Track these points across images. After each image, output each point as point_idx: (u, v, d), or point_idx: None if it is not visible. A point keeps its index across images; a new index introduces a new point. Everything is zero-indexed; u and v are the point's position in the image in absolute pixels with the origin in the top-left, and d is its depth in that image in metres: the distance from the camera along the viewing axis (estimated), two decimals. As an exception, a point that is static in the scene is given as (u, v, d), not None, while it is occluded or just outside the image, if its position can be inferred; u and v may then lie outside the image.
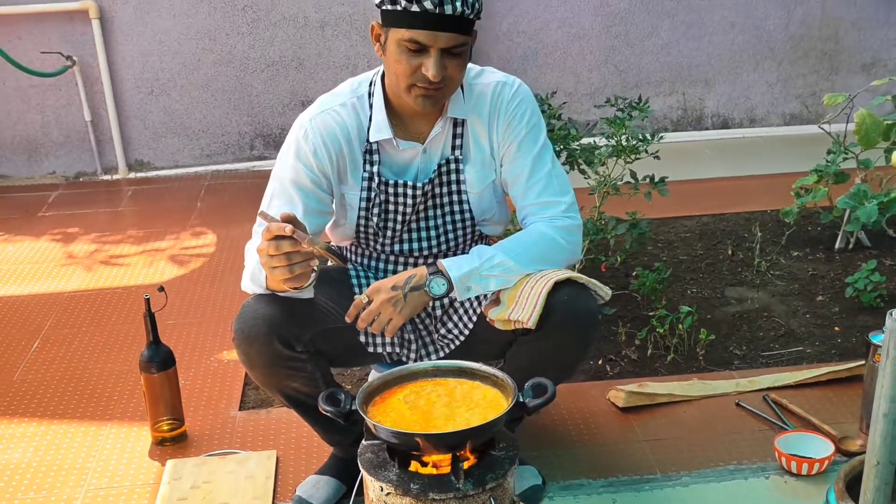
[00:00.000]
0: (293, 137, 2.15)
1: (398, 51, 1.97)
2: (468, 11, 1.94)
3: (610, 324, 3.11)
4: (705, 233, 3.93)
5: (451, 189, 2.20)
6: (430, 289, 2.08)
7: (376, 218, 2.18)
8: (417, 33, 1.93)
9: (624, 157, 3.26)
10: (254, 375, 2.15)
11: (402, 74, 2.00)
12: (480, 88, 2.17)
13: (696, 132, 5.34)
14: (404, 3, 1.92)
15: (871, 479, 1.67)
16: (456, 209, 2.23)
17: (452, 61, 1.99)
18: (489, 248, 2.13)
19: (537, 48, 5.13)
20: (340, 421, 1.85)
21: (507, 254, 2.11)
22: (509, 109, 2.17)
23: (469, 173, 2.19)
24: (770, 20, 5.18)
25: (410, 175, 2.18)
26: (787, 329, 3.11)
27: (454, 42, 1.96)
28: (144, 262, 3.88)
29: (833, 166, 3.51)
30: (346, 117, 2.13)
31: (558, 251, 2.17)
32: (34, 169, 5.06)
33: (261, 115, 5.03)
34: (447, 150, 2.18)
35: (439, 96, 2.05)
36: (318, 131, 2.12)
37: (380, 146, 2.15)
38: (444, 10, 1.91)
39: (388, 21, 1.98)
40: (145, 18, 4.87)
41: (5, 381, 2.97)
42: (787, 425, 2.53)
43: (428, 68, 1.96)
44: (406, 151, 2.16)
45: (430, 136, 2.15)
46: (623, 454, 2.47)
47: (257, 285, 2.06)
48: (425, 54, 1.96)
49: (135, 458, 2.56)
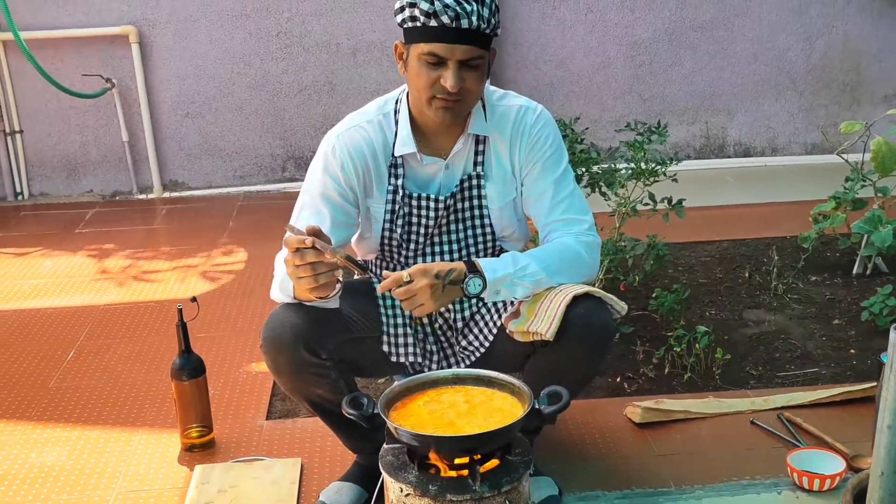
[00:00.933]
0: (322, 152, 2.23)
1: (418, 65, 2.06)
2: (484, 26, 2.03)
3: (628, 342, 3.15)
4: (725, 257, 3.96)
5: (472, 203, 2.26)
6: (466, 286, 2.10)
7: (400, 230, 2.24)
8: (436, 46, 2.02)
9: (643, 179, 3.31)
10: (280, 381, 2.22)
11: (422, 87, 2.08)
12: (503, 110, 2.24)
13: (718, 160, 5.38)
14: (423, 19, 2.01)
15: (876, 490, 1.70)
16: (477, 223, 2.29)
17: (470, 73, 2.07)
18: (523, 256, 2.16)
19: (563, 76, 5.20)
20: (363, 424, 1.90)
21: (539, 264, 2.15)
22: (533, 132, 2.23)
23: (490, 189, 2.25)
24: (792, 51, 5.22)
25: (433, 189, 2.25)
26: (803, 351, 3.13)
27: (471, 55, 2.04)
28: (177, 278, 3.97)
29: (851, 193, 3.54)
30: (373, 133, 2.21)
31: (582, 266, 2.22)
32: (73, 187, 5.18)
33: (293, 138, 5.13)
34: (469, 165, 2.24)
35: (458, 108, 2.12)
36: (346, 146, 2.20)
37: (404, 160, 2.22)
38: (460, 24, 2.00)
39: (410, 38, 2.07)
40: (182, 43, 4.99)
41: (42, 389, 3.06)
42: (801, 442, 2.56)
43: (446, 79, 2.04)
44: (429, 166, 2.23)
45: (452, 152, 2.22)
46: (638, 468, 2.51)
47: (285, 294, 2.13)
48: (444, 67, 2.05)
49: (164, 462, 2.62)
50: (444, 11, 1.99)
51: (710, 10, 5.13)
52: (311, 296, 2.03)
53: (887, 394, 1.65)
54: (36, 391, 3.04)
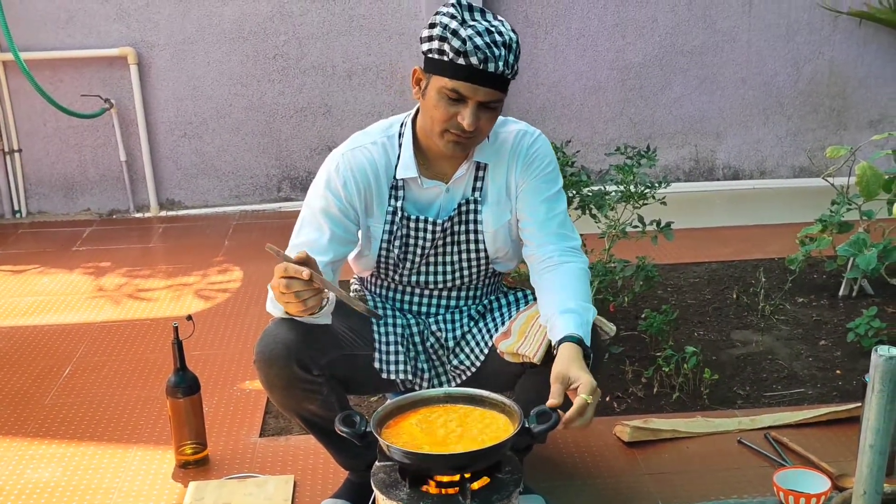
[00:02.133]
0: (325, 169, 2.25)
1: (438, 97, 2.07)
2: (508, 72, 2.05)
3: (618, 362, 3.16)
4: (713, 279, 3.99)
5: (468, 228, 2.28)
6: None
7: (397, 250, 2.26)
8: (459, 84, 2.04)
9: (633, 202, 3.34)
10: (272, 397, 2.23)
11: (437, 120, 2.09)
12: (504, 136, 2.27)
13: (707, 182, 5.41)
14: (451, 56, 2.02)
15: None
16: (472, 247, 2.30)
17: (486, 114, 2.09)
18: (583, 307, 2.13)
19: (555, 100, 5.23)
20: (355, 442, 1.91)
21: (588, 301, 2.16)
22: (529, 154, 2.26)
23: (486, 213, 2.27)
24: (780, 76, 5.27)
25: (432, 212, 2.27)
26: (789, 371, 3.15)
27: (491, 98, 2.06)
28: (172, 296, 3.97)
29: (837, 216, 3.57)
30: (376, 154, 2.23)
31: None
32: (70, 206, 5.19)
33: (288, 159, 5.15)
34: (468, 190, 2.27)
35: (468, 144, 2.14)
36: (349, 165, 2.22)
37: (405, 183, 2.24)
38: (487, 68, 2.01)
39: (432, 68, 2.08)
40: (180, 65, 5.02)
41: (38, 405, 3.06)
42: (787, 462, 2.57)
43: (464, 118, 2.06)
44: (430, 189, 2.25)
45: (454, 177, 2.24)
46: (627, 487, 2.52)
47: (278, 310, 2.13)
48: (463, 104, 2.06)
49: (159, 479, 2.62)
50: (474, 53, 2.00)
51: (700, 35, 5.18)
52: (301, 315, 2.04)
53: (869, 414, 1.67)
54: (32, 407, 3.04)
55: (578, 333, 2.04)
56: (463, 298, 2.38)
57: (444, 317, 2.37)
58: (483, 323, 2.37)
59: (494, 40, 2.02)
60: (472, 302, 2.39)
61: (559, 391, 1.94)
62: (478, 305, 2.40)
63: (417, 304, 2.37)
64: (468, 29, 2.01)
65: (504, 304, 2.41)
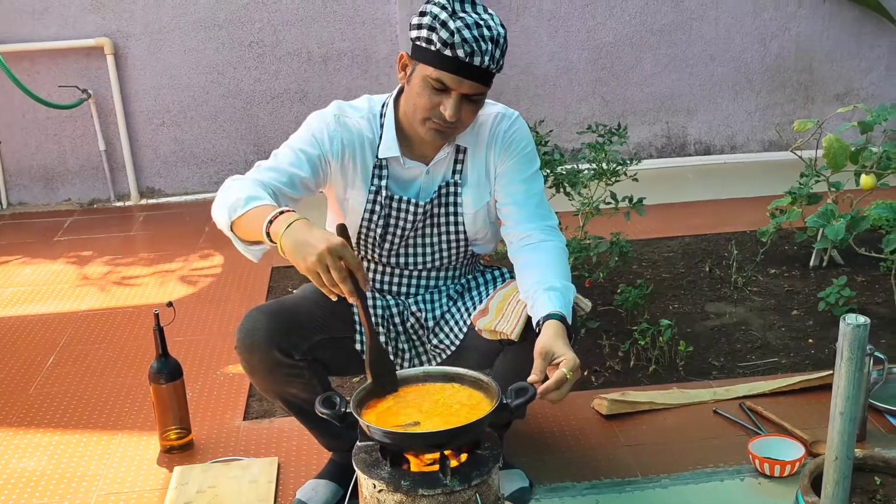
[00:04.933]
0: (315, 122, 2.17)
1: (422, 85, 2.04)
2: (493, 67, 2.03)
3: (595, 337, 3.15)
4: (687, 252, 3.98)
5: (448, 210, 2.25)
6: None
7: (380, 229, 2.23)
8: (444, 75, 2.00)
9: (605, 179, 3.32)
10: (255, 381, 2.20)
11: (420, 107, 2.06)
12: (483, 119, 2.23)
13: (679, 158, 5.41)
14: (438, 46, 1.98)
15: (831, 473, 1.71)
16: (451, 229, 2.28)
17: (468, 106, 2.07)
18: (564, 286, 2.11)
19: (528, 81, 5.20)
20: (336, 423, 1.89)
21: (567, 280, 2.14)
22: (507, 136, 2.23)
23: (466, 196, 2.25)
24: (747, 53, 5.26)
25: (413, 191, 2.24)
26: (763, 341, 3.15)
27: (475, 90, 2.04)
28: (155, 283, 3.93)
29: (805, 188, 3.57)
30: (364, 128, 2.19)
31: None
32: (51, 196, 5.13)
33: (266, 145, 5.10)
34: (448, 173, 2.24)
35: (449, 133, 2.12)
36: (342, 127, 2.17)
37: (388, 162, 2.21)
38: (473, 61, 1.98)
39: (419, 56, 2.04)
40: (157, 54, 4.95)
41: (22, 395, 3.02)
42: (762, 430, 2.57)
43: (446, 108, 2.03)
44: (411, 169, 2.22)
45: (435, 160, 2.21)
46: (606, 458, 2.51)
47: (229, 211, 2.00)
48: (446, 95, 2.03)
49: (144, 464, 2.59)
50: (461, 45, 1.97)
51: (669, 14, 5.16)
52: (263, 242, 1.93)
53: (839, 381, 1.66)
54: (16, 397, 3.00)
55: (562, 312, 2.03)
56: (442, 279, 2.36)
57: (424, 297, 2.35)
58: (461, 302, 2.35)
59: (482, 34, 1.99)
60: (450, 282, 2.37)
61: (541, 366, 1.92)
62: (456, 285, 2.37)
63: (397, 284, 2.34)
64: (457, 21, 1.98)
65: (482, 283, 2.39)
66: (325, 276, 1.80)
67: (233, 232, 2.01)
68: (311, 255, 1.78)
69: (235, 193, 2.00)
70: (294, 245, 1.81)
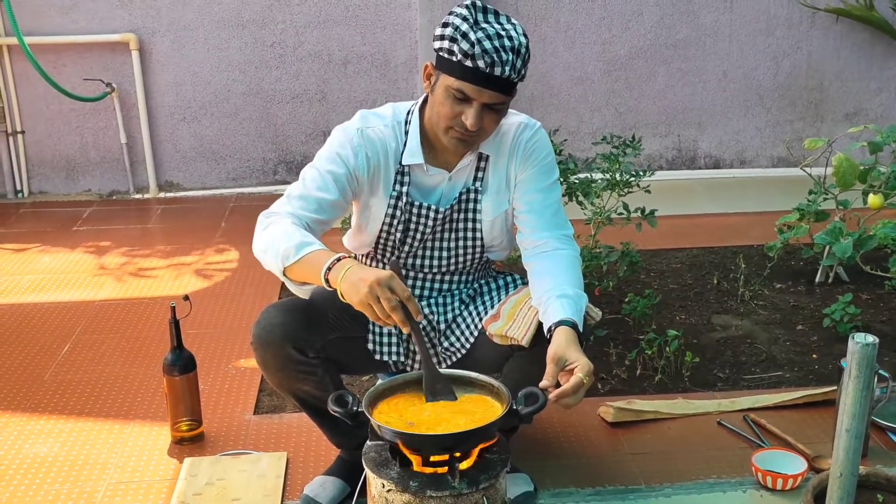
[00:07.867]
0: (339, 138, 2.16)
1: (444, 95, 2.03)
2: (514, 76, 2.01)
3: (602, 345, 3.13)
4: (695, 264, 3.95)
5: (467, 216, 2.24)
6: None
7: (399, 234, 2.22)
8: (465, 85, 1.99)
9: (618, 190, 3.30)
10: (268, 377, 2.19)
11: (443, 116, 2.05)
12: (506, 128, 2.22)
13: (689, 171, 5.38)
14: (459, 56, 1.97)
15: (836, 489, 1.69)
16: (469, 235, 2.26)
17: (490, 115, 2.05)
18: (577, 293, 2.10)
19: (543, 90, 5.18)
20: (347, 421, 1.87)
21: (580, 288, 2.14)
22: (529, 145, 2.22)
23: (486, 203, 2.23)
24: (760, 70, 5.23)
25: (434, 198, 2.23)
26: (768, 355, 3.12)
27: (496, 100, 2.02)
28: (170, 276, 3.92)
29: (814, 205, 3.54)
30: (388, 136, 2.18)
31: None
32: (71, 186, 5.13)
33: (284, 144, 5.10)
34: (469, 179, 2.22)
35: (471, 142, 2.11)
36: (365, 140, 2.16)
37: (410, 169, 2.19)
38: (493, 72, 1.97)
39: (442, 66, 2.03)
40: (181, 51, 4.95)
41: (37, 381, 3.01)
42: (765, 443, 2.55)
43: (468, 117, 2.02)
44: (434, 176, 2.21)
45: (457, 167, 2.20)
46: (610, 466, 2.49)
47: (277, 259, 1.99)
48: (468, 104, 2.02)
49: (154, 455, 2.58)
50: (481, 56, 1.96)
51: (684, 29, 5.14)
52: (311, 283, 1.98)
53: (846, 399, 1.64)
54: (31, 383, 2.99)
55: (574, 319, 2.01)
56: (455, 283, 2.34)
57: (437, 300, 2.33)
58: (473, 306, 2.33)
59: (503, 45, 1.97)
60: (463, 286, 2.35)
61: (554, 372, 1.91)
62: (468, 289, 2.36)
63: (410, 287, 2.33)
64: (478, 32, 1.97)
65: (494, 288, 2.37)
66: (376, 307, 1.83)
67: (285, 276, 2.01)
68: (363, 288, 1.83)
69: (284, 241, 1.99)
70: (349, 285, 1.86)
